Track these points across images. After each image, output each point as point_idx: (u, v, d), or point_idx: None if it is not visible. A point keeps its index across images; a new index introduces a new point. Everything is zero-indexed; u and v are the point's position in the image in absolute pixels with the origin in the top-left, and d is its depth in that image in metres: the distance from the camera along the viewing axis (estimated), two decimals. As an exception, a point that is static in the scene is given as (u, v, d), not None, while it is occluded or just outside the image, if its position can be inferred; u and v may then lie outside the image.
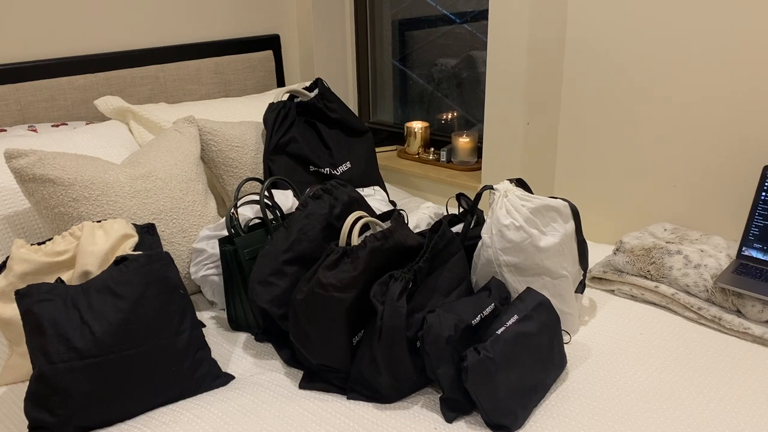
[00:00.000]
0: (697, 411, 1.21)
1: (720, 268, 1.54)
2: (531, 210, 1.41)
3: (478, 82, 2.52)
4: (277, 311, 1.38)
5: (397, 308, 1.22)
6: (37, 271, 1.37)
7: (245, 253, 1.49)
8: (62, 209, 1.52)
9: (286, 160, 1.92)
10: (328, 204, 1.48)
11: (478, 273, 1.45)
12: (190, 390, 1.28)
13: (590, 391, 1.27)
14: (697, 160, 1.79)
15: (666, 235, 1.74)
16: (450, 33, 2.55)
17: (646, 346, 1.41)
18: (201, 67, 2.36)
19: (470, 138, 2.45)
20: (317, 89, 2.04)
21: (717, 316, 1.47)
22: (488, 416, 1.17)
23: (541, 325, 1.28)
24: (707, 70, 1.71)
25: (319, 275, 1.27)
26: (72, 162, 1.55)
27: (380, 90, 2.87)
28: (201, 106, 2.13)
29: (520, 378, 1.21)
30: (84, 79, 2.10)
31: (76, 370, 1.16)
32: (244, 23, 2.52)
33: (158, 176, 1.63)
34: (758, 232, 1.57)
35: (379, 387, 1.25)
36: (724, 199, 1.77)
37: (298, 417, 1.21)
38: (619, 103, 1.88)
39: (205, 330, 1.55)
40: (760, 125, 1.66)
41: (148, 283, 1.26)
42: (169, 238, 1.60)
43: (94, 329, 1.18)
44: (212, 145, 1.86)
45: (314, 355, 1.30)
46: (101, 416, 1.20)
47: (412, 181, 2.57)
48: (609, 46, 1.85)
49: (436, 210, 1.80)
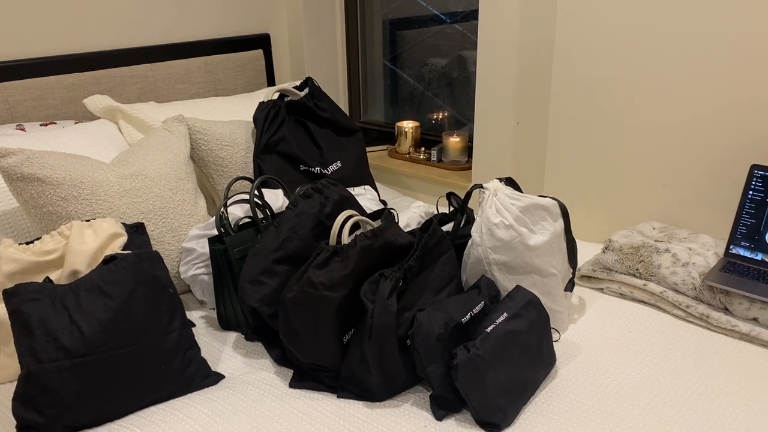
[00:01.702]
0: (685, 408, 1.22)
1: (708, 266, 1.55)
2: (520, 209, 1.41)
3: (469, 81, 2.53)
4: (267, 310, 1.38)
5: (387, 307, 1.23)
6: (26, 270, 1.36)
7: (235, 253, 1.49)
8: (51, 208, 1.51)
9: (277, 160, 1.92)
10: (319, 203, 1.47)
11: (468, 271, 1.46)
12: (180, 389, 1.28)
13: (579, 388, 1.28)
14: (686, 159, 1.80)
15: (655, 233, 1.75)
16: (440, 33, 2.56)
17: (635, 343, 1.42)
18: (191, 66, 2.35)
19: (461, 137, 2.46)
20: (307, 88, 2.04)
21: (705, 313, 1.48)
22: (478, 414, 1.18)
23: (531, 323, 1.29)
24: (695, 70, 1.72)
25: (310, 274, 1.26)
26: (61, 161, 1.54)
27: (371, 90, 2.87)
28: (191, 105, 2.12)
29: (510, 376, 1.21)
30: (73, 77, 2.09)
31: (65, 369, 1.16)
32: (234, 22, 2.51)
33: (148, 175, 1.63)
34: (745, 230, 1.58)
35: (370, 385, 1.25)
36: (712, 198, 1.78)
37: (289, 416, 1.21)
38: (607, 103, 1.90)
39: (195, 329, 1.54)
40: (747, 125, 1.68)
41: (137, 282, 1.26)
42: (158, 238, 1.59)
43: (82, 329, 1.18)
44: (202, 144, 1.86)
45: (304, 354, 1.30)
46: (90, 416, 1.19)
47: (402, 181, 2.57)
48: (598, 46, 1.86)
49: (427, 209, 1.80)
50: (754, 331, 1.41)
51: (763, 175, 1.57)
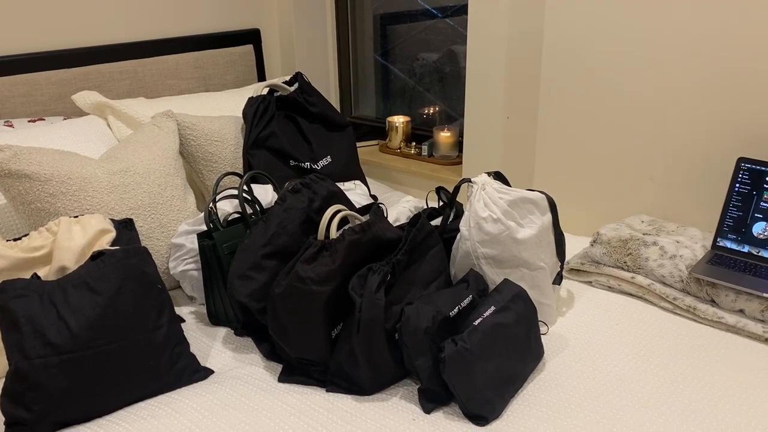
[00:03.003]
0: (671, 399, 1.23)
1: (695, 258, 1.56)
2: (508, 202, 1.42)
3: (460, 76, 2.53)
4: (256, 305, 1.38)
5: (375, 301, 1.23)
6: (13, 266, 1.35)
7: (224, 248, 1.49)
8: (39, 205, 1.50)
9: (266, 155, 1.91)
10: (307, 198, 1.48)
11: (457, 265, 1.46)
12: (169, 385, 1.28)
13: (567, 381, 1.29)
14: (674, 153, 1.81)
15: (643, 227, 1.76)
16: (432, 27, 2.56)
17: (623, 336, 1.43)
18: (180, 62, 2.34)
19: (451, 132, 2.46)
20: (297, 83, 2.04)
21: (692, 305, 1.49)
22: (466, 407, 1.18)
23: (518, 316, 1.29)
24: (682, 64, 1.73)
25: (298, 269, 1.27)
26: (49, 157, 1.54)
27: (362, 84, 2.87)
28: (180, 101, 2.12)
29: (498, 368, 1.22)
30: (61, 73, 2.08)
31: (53, 365, 1.15)
32: (224, 18, 2.50)
33: (136, 171, 1.62)
34: (732, 223, 1.59)
35: (358, 379, 1.26)
36: (700, 191, 1.79)
37: (278, 410, 1.21)
38: (597, 97, 1.90)
39: (185, 325, 1.54)
40: (734, 118, 1.69)
41: (125, 278, 1.25)
42: (147, 233, 1.59)
43: (70, 325, 1.18)
44: (191, 140, 1.85)
45: (293, 348, 1.30)
46: (79, 412, 1.19)
47: (393, 176, 2.57)
48: (586, 41, 1.87)
49: (416, 204, 1.80)
50: (740, 323, 1.42)
51: (749, 168, 1.58)
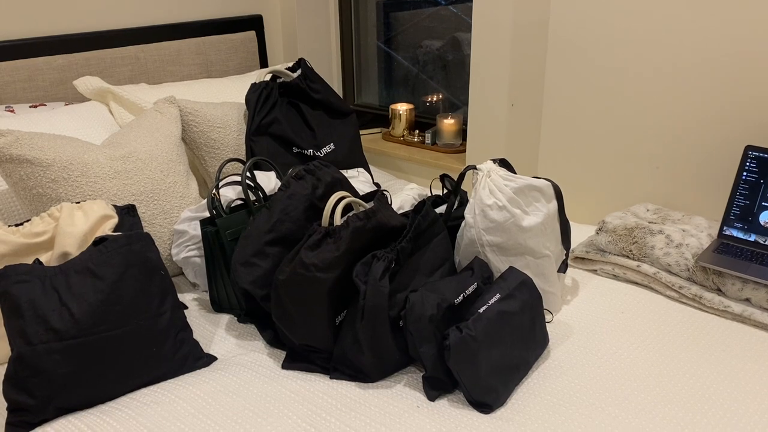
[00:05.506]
0: (677, 388, 1.22)
1: (701, 247, 1.55)
2: (514, 190, 1.40)
3: (463, 64, 2.51)
4: (259, 292, 1.38)
5: (379, 288, 1.22)
6: (15, 252, 1.35)
7: (227, 234, 1.48)
8: (40, 190, 1.49)
9: (269, 141, 1.90)
10: (311, 184, 1.46)
11: (461, 253, 1.45)
12: (172, 371, 1.28)
13: (572, 369, 1.28)
14: (680, 141, 1.79)
15: (648, 215, 1.74)
16: (435, 15, 2.53)
17: (628, 324, 1.42)
18: (182, 48, 2.32)
19: (455, 120, 2.45)
20: (300, 70, 2.02)
21: (698, 294, 1.48)
22: (470, 394, 1.18)
23: (523, 303, 1.29)
24: (689, 52, 1.71)
25: (302, 255, 1.26)
26: (50, 142, 1.53)
27: (365, 72, 2.85)
28: (182, 87, 2.10)
29: (502, 356, 1.21)
30: (63, 59, 2.07)
31: (55, 351, 1.15)
32: (226, 3, 2.48)
33: (139, 157, 1.61)
34: (739, 211, 1.58)
35: (362, 366, 1.25)
36: (706, 180, 1.78)
37: (281, 397, 1.21)
38: (602, 85, 1.88)
39: (188, 312, 1.54)
40: (741, 106, 1.67)
41: (127, 264, 1.25)
42: (150, 220, 1.58)
43: (73, 310, 1.17)
44: (194, 126, 1.84)
45: (297, 335, 1.29)
46: (81, 398, 1.19)
47: (396, 164, 2.56)
48: (593, 28, 1.85)
49: (420, 191, 1.79)
50: (747, 312, 1.41)
51: (757, 156, 1.56)
